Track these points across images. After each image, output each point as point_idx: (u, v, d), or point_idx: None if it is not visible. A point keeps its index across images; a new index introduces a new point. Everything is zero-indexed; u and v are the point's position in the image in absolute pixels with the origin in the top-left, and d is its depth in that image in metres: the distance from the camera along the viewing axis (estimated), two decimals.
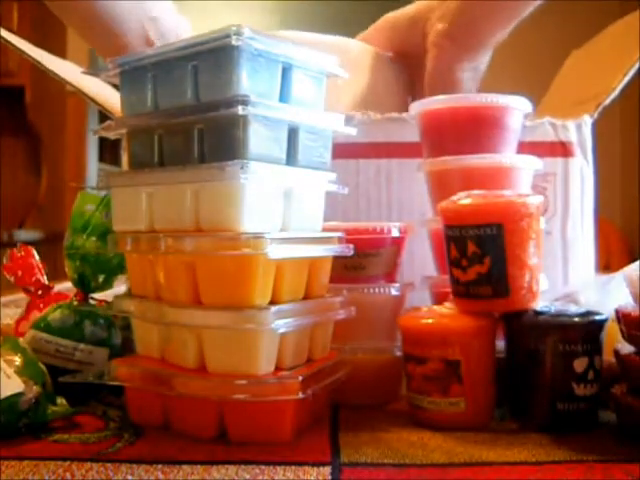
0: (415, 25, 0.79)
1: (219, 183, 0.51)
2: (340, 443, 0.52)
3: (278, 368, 0.53)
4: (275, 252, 0.50)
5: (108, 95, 0.81)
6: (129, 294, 0.61)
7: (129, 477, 0.45)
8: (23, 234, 2.83)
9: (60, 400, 0.56)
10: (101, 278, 0.67)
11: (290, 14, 3.41)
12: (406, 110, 0.73)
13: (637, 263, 0.59)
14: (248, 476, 0.46)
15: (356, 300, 0.60)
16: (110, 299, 0.60)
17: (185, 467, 0.47)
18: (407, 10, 0.82)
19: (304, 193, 0.56)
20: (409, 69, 0.86)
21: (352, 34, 0.90)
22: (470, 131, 0.67)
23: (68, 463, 0.47)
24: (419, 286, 0.67)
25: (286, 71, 0.54)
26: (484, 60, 0.79)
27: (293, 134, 0.55)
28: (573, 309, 0.56)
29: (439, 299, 0.64)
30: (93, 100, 0.80)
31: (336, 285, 0.60)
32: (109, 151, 3.23)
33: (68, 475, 0.45)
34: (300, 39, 0.81)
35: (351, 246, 0.58)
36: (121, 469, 0.46)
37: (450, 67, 0.76)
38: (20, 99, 2.92)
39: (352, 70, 0.81)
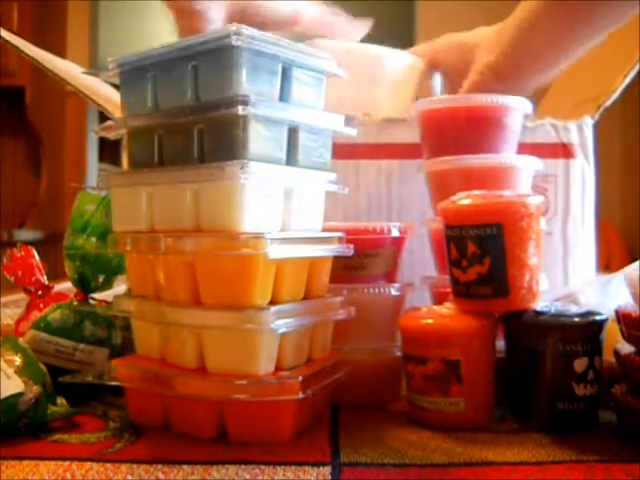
0: (466, 52, 0.78)
1: (219, 183, 0.51)
2: (340, 443, 0.52)
3: (278, 368, 0.53)
4: (275, 252, 0.50)
5: (108, 95, 0.81)
6: (129, 294, 0.61)
7: (129, 477, 0.45)
8: (23, 234, 2.84)
9: (60, 400, 0.56)
10: (101, 278, 0.67)
11: None
12: None
13: (637, 263, 0.59)
14: (248, 476, 0.46)
15: (356, 300, 0.60)
16: (110, 299, 0.60)
17: (185, 467, 0.47)
18: (464, 35, 0.81)
19: (304, 193, 0.56)
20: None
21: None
22: (470, 131, 0.67)
23: (68, 463, 0.47)
24: (419, 286, 0.67)
25: (286, 71, 0.54)
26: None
27: (293, 134, 0.55)
28: (573, 309, 0.56)
29: (439, 299, 0.64)
30: (93, 100, 0.80)
31: (336, 285, 0.60)
32: (109, 151, 3.23)
33: (68, 475, 0.45)
34: (336, 49, 0.79)
35: (351, 246, 0.58)
36: (121, 469, 0.46)
37: None
38: (20, 99, 2.92)
39: (386, 80, 0.80)
